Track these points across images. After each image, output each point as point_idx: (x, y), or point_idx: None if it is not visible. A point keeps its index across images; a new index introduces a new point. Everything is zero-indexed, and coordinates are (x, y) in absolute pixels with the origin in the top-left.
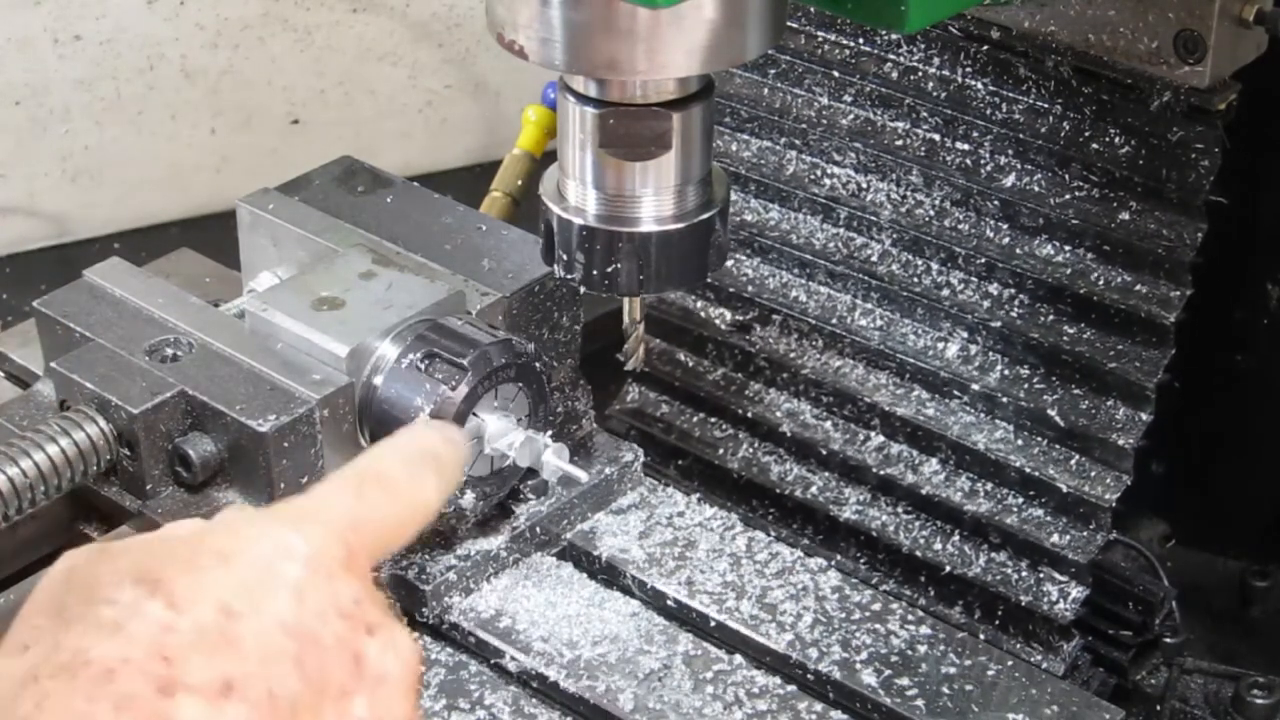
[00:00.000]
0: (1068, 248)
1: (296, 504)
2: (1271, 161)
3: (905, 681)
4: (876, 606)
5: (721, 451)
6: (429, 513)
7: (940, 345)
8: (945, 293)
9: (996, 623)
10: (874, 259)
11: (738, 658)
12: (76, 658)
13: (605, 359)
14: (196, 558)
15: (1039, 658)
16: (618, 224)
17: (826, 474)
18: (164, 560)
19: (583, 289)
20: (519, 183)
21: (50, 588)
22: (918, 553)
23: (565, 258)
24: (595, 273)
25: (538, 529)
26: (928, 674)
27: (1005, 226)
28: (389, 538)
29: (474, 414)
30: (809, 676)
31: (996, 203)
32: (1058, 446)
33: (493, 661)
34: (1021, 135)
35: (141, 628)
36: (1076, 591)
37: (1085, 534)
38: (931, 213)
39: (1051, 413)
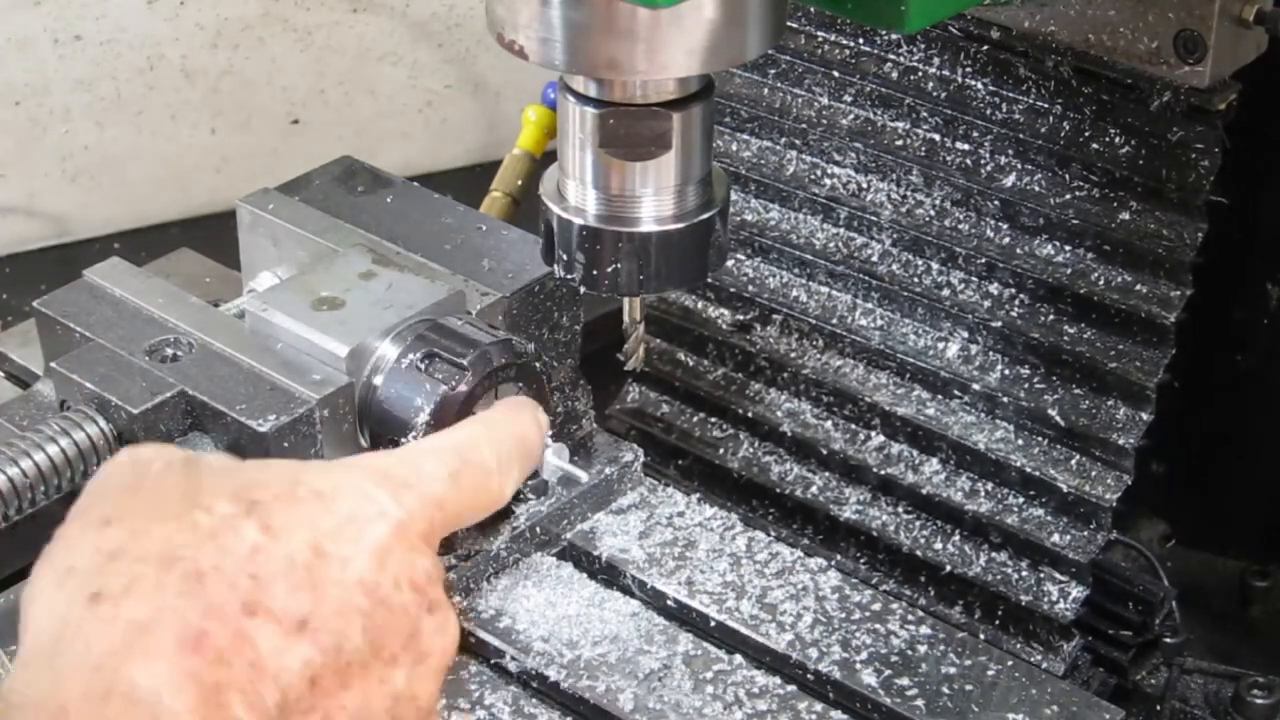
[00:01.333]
0: (1068, 248)
1: (393, 465)
2: (1271, 161)
3: (905, 681)
4: (876, 606)
5: (721, 451)
6: (504, 502)
7: (940, 345)
8: (945, 293)
9: (996, 623)
10: (874, 259)
11: (738, 658)
12: (169, 550)
13: (605, 359)
14: (294, 490)
15: (1039, 658)
16: (618, 224)
17: (826, 474)
18: (262, 485)
19: (583, 289)
20: (519, 183)
21: (120, 475)
22: (918, 553)
23: (565, 258)
24: (595, 273)
25: (538, 529)
26: (928, 674)
27: (1005, 226)
28: (464, 520)
29: (474, 414)
30: (809, 676)
31: (996, 203)
32: (1058, 446)
33: (493, 661)
34: (1021, 135)
35: (235, 542)
36: (1076, 591)
37: (1085, 534)
38: (932, 213)
39: (1052, 413)
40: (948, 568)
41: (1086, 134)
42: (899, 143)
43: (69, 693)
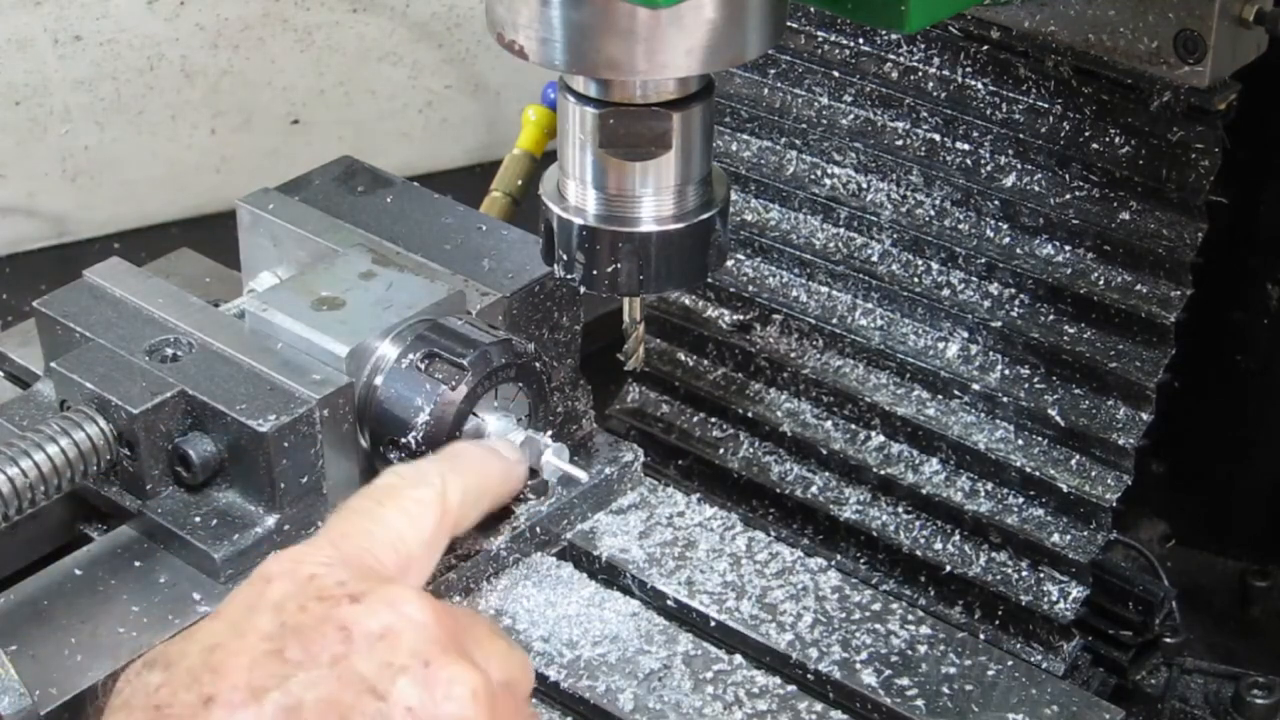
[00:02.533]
0: (1068, 248)
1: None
2: (1271, 161)
3: (905, 681)
4: (876, 606)
5: (721, 451)
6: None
7: (940, 345)
8: (945, 293)
9: (996, 623)
10: (874, 259)
11: (738, 658)
12: None
13: (605, 359)
14: (194, 629)
15: (1039, 658)
16: (618, 224)
17: (826, 474)
18: (172, 643)
19: (583, 289)
20: (519, 183)
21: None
22: (918, 553)
23: (565, 258)
24: (595, 273)
25: (538, 529)
26: (928, 674)
27: (1005, 226)
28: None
29: (474, 414)
30: (809, 676)
31: (996, 203)
32: (1058, 446)
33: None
34: (1021, 135)
35: (138, 695)
36: (1077, 591)
37: (1085, 534)
38: (932, 213)
39: (1052, 413)
40: (948, 568)
41: (1086, 134)
42: (899, 143)
43: None
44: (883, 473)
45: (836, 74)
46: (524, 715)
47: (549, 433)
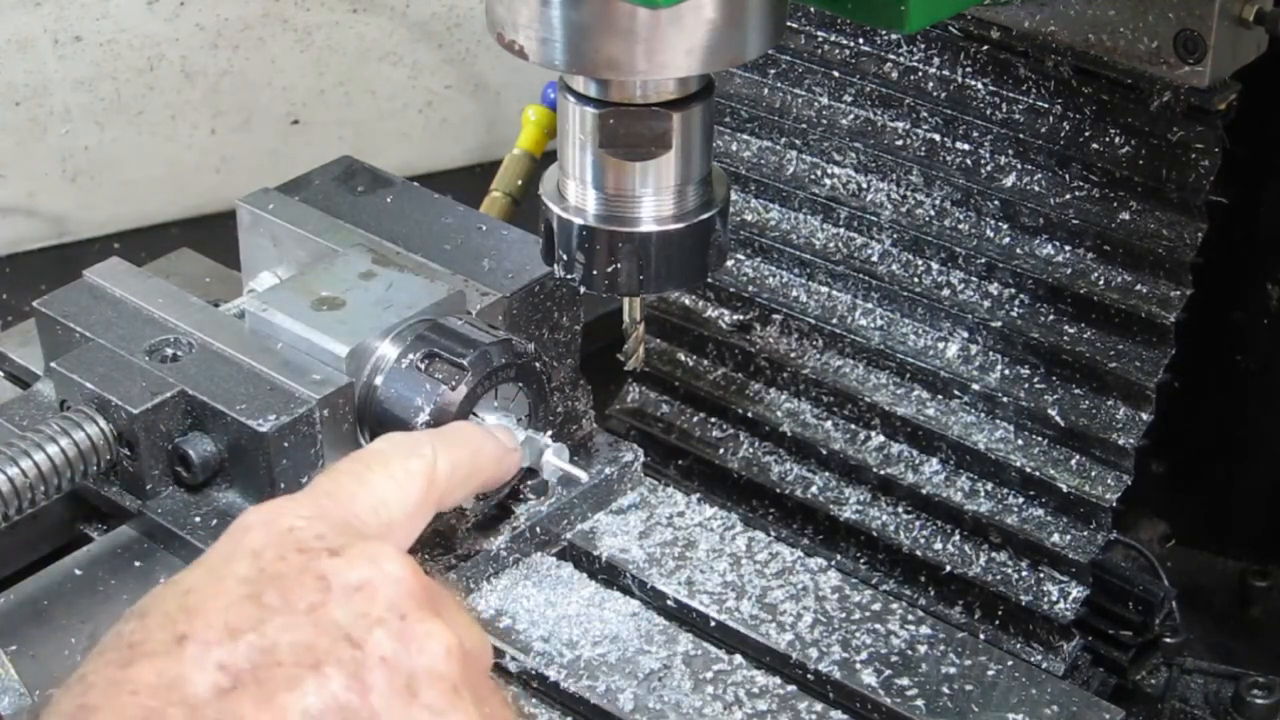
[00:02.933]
0: (1068, 248)
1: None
2: (1271, 161)
3: (905, 681)
4: (876, 606)
5: (721, 451)
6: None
7: (940, 345)
8: (945, 293)
9: (996, 623)
10: (874, 259)
11: (738, 658)
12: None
13: (605, 359)
14: (170, 580)
15: (1039, 658)
16: (618, 224)
17: (826, 474)
18: (148, 594)
19: (583, 289)
20: (519, 183)
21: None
22: (918, 553)
23: (565, 258)
24: (595, 273)
25: (538, 529)
26: (928, 674)
27: (1005, 226)
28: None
29: (474, 414)
30: (809, 676)
31: (996, 203)
32: (1058, 446)
33: (493, 661)
34: (1021, 135)
35: (113, 639)
36: (1076, 591)
37: (1085, 534)
38: (932, 213)
39: (1052, 413)
40: (948, 568)
41: (1086, 134)
42: (899, 143)
43: None
44: (883, 473)
45: (836, 74)
46: (488, 684)
47: (549, 433)
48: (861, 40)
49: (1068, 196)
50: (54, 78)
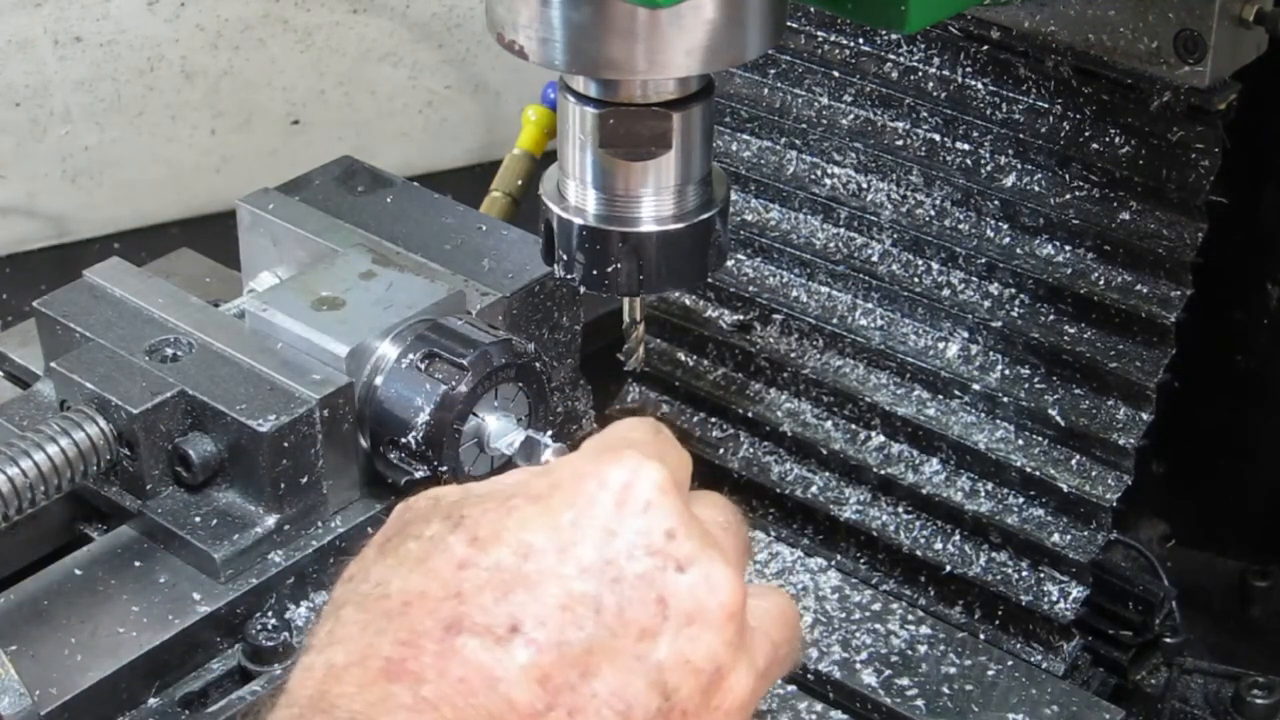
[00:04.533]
0: (1068, 248)
1: (606, 436)
2: (1271, 161)
3: (905, 681)
4: (876, 606)
5: (721, 451)
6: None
7: (940, 345)
8: (945, 293)
9: (996, 623)
10: (874, 259)
11: None
12: (377, 589)
13: (605, 359)
14: (510, 498)
15: (1039, 658)
16: (617, 224)
17: (826, 474)
18: (477, 499)
19: (583, 289)
20: (519, 183)
21: (386, 526)
22: (918, 553)
23: (565, 258)
24: (595, 273)
25: None
26: (928, 674)
27: (1005, 226)
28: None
29: (474, 414)
30: (809, 676)
31: (997, 203)
32: (1058, 446)
33: None
34: (1021, 135)
35: (442, 563)
36: (1077, 591)
37: (1085, 534)
38: (932, 213)
39: (1052, 413)
40: (948, 568)
41: (1086, 134)
42: (899, 143)
43: None
44: (883, 473)
45: (836, 74)
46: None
47: (549, 433)
48: (861, 40)
49: (1068, 196)
50: (54, 78)
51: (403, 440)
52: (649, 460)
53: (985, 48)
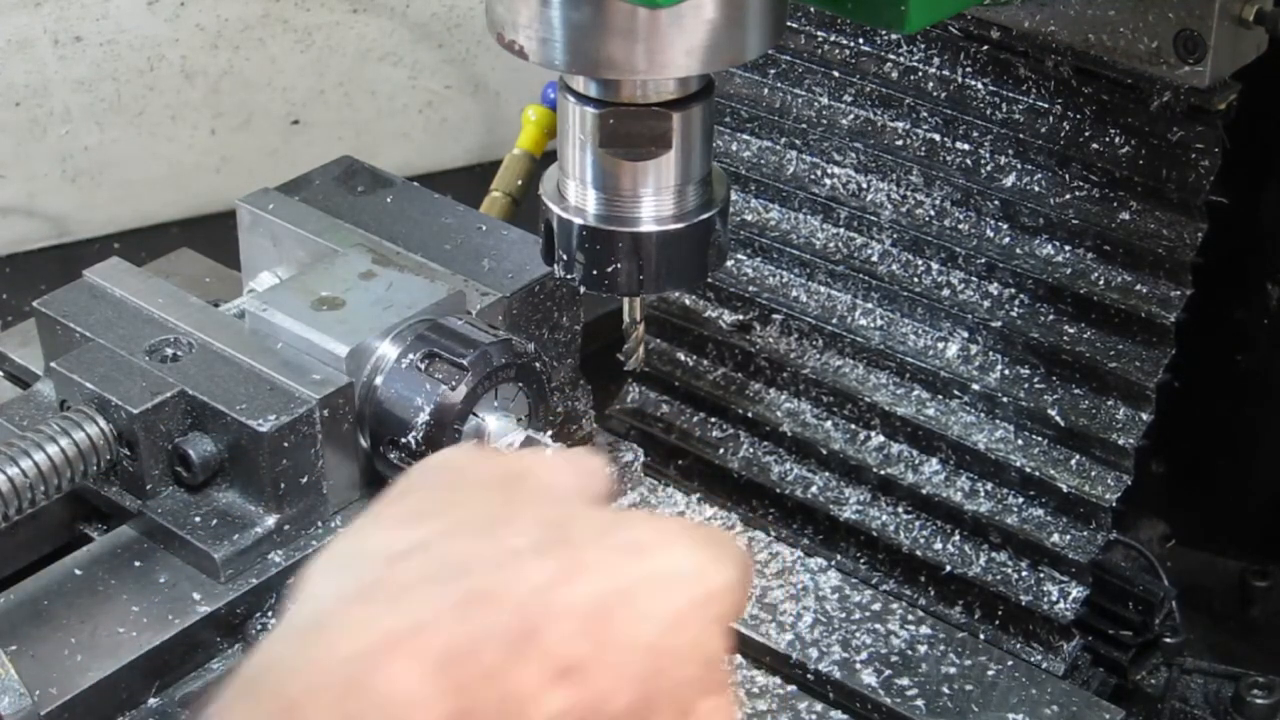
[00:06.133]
0: (1068, 248)
1: (713, 533)
2: (1271, 161)
3: (905, 681)
4: (876, 606)
5: (721, 451)
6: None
7: (940, 345)
8: (945, 293)
9: (996, 623)
10: (874, 259)
11: (738, 658)
12: (464, 564)
13: (605, 359)
14: (611, 535)
15: (1039, 658)
16: (617, 224)
17: (826, 474)
18: (582, 521)
19: (583, 289)
20: (519, 183)
21: (436, 476)
22: (918, 553)
23: (565, 258)
24: (595, 273)
25: None
26: (928, 674)
27: (1005, 226)
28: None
29: (474, 414)
30: (809, 676)
31: (996, 203)
32: (1058, 446)
33: None
34: (1021, 135)
35: (534, 573)
36: (1076, 591)
37: (1085, 534)
38: (932, 213)
39: (1052, 413)
40: (948, 568)
41: (1086, 134)
42: (899, 143)
43: (304, 684)
44: (883, 473)
45: (836, 74)
46: None
47: (549, 433)
48: (861, 40)
49: (1068, 196)
50: (54, 78)
51: (403, 440)
52: (736, 586)
53: (985, 48)
